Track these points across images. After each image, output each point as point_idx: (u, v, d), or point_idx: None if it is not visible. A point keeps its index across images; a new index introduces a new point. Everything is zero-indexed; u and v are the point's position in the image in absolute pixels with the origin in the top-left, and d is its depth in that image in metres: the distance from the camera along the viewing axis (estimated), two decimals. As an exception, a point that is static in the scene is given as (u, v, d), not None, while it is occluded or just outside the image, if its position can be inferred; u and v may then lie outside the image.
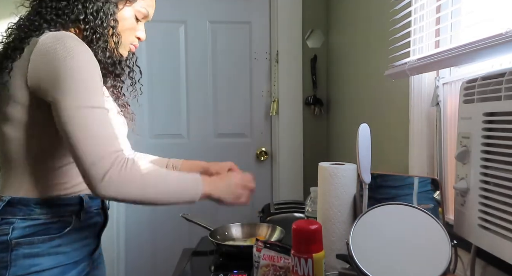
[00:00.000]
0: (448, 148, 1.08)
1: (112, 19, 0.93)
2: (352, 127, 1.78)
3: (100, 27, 0.91)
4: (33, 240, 0.86)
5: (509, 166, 0.66)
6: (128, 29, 0.99)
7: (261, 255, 0.92)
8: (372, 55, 1.55)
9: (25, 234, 0.85)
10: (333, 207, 1.00)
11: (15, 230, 0.85)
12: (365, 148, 0.92)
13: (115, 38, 0.95)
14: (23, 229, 0.85)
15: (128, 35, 1.00)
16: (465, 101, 0.79)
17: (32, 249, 0.85)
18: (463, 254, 0.86)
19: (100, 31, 0.91)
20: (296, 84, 2.18)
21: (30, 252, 0.85)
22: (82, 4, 0.90)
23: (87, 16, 0.90)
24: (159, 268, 2.25)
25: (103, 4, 0.92)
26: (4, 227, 0.85)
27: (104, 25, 0.92)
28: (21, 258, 0.84)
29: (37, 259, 0.86)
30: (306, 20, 2.17)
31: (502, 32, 0.71)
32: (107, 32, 0.93)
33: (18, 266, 0.84)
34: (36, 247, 0.86)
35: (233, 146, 2.28)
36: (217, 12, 2.24)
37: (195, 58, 2.25)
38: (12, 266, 0.84)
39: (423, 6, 1.13)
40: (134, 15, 0.99)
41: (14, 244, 0.84)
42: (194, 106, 2.26)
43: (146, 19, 1.04)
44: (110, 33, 0.94)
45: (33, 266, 0.85)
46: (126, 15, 0.97)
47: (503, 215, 0.67)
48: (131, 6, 0.98)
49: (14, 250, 0.84)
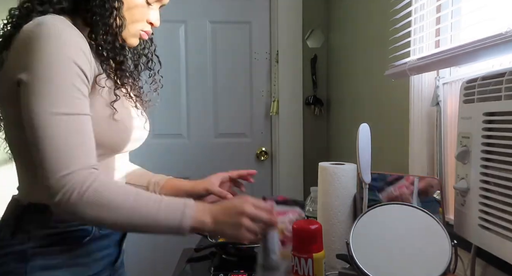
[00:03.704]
0: (448, 148, 1.08)
1: (116, 0, 0.81)
2: (352, 127, 1.78)
3: (100, 8, 0.79)
4: (50, 251, 0.79)
5: (509, 166, 0.66)
6: (135, 11, 0.85)
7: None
8: (372, 55, 1.55)
9: (42, 244, 0.78)
10: (333, 207, 1.00)
11: (32, 239, 0.78)
12: (365, 148, 0.92)
13: (119, 20, 0.81)
14: (40, 238, 0.78)
15: (136, 19, 0.85)
16: (465, 101, 0.79)
17: (49, 261, 0.79)
18: (463, 254, 0.86)
19: (99, 12, 0.79)
20: (296, 84, 2.18)
21: (48, 264, 0.78)
22: None
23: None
24: (159, 268, 2.25)
25: None
26: (20, 235, 0.78)
27: (106, 7, 0.79)
28: (38, 270, 0.78)
29: (54, 271, 0.79)
30: (306, 20, 2.17)
31: (502, 32, 0.71)
32: (110, 14, 0.80)
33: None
34: (54, 258, 0.79)
35: (233, 146, 2.28)
36: (217, 12, 2.24)
37: (195, 58, 2.25)
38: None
39: (423, 6, 1.13)
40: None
41: (30, 254, 0.77)
42: (194, 106, 2.26)
43: (159, 3, 0.89)
44: (114, 15, 0.80)
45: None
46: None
47: (503, 215, 0.67)
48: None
49: (30, 260, 0.77)
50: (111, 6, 0.80)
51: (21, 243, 0.78)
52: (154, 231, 0.75)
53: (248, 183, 1.06)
